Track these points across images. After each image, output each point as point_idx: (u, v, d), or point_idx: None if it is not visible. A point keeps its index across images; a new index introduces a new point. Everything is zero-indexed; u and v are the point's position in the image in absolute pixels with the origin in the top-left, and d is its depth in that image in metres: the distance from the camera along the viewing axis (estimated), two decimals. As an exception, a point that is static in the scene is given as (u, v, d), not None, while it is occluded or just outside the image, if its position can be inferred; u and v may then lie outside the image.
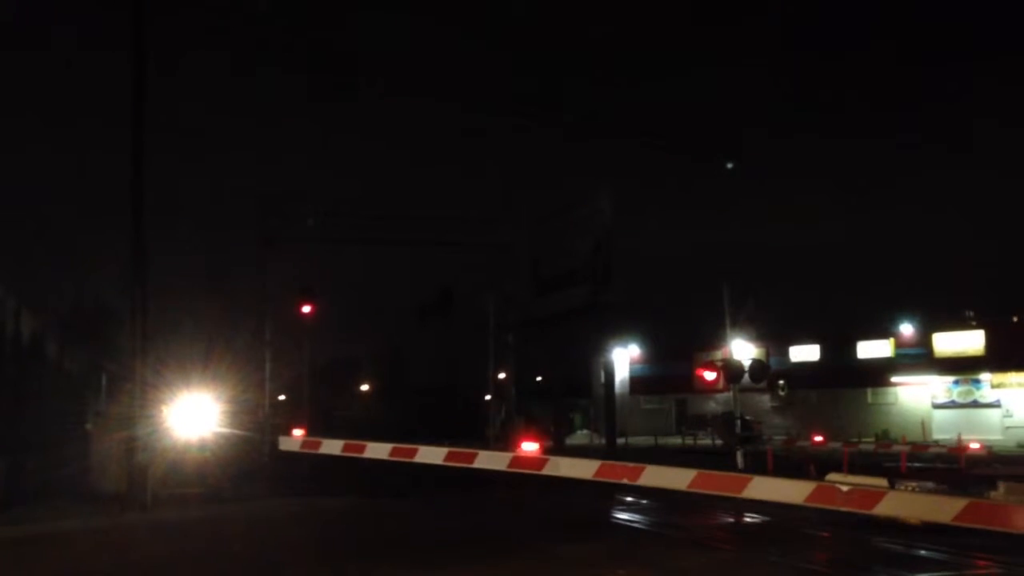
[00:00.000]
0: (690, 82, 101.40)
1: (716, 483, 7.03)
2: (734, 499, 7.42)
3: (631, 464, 7.61)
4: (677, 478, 7.19)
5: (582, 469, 7.77)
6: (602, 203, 28.32)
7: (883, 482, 6.29)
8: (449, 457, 8.55)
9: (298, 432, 10.42)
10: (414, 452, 8.81)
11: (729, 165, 39.29)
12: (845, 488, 6.15)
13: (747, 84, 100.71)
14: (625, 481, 7.70)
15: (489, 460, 8.44)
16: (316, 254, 34.63)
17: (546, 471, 7.93)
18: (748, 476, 6.80)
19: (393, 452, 8.89)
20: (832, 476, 6.32)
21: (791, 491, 6.58)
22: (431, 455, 8.71)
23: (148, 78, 18.31)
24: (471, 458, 8.45)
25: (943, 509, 5.85)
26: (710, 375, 25.41)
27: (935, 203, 78.74)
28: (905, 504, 5.96)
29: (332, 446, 9.54)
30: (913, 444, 31.47)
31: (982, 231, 77.37)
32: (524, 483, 10.64)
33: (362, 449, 9.14)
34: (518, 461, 8.23)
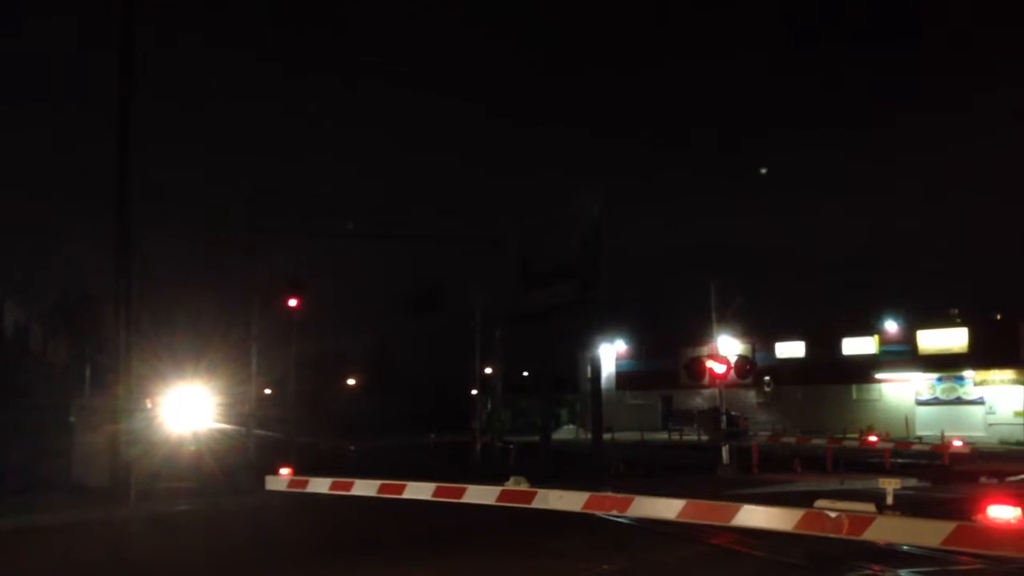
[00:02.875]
0: (690, 79, 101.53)
1: (705, 512, 7.15)
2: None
3: (620, 495, 7.68)
4: (666, 508, 7.31)
5: (571, 501, 7.84)
6: (591, 199, 28.25)
7: (871, 507, 6.32)
8: (437, 493, 8.71)
9: (285, 471, 10.37)
10: (402, 488, 9.11)
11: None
12: (833, 514, 6.22)
13: (741, 80, 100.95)
14: (615, 512, 7.70)
15: (478, 495, 8.49)
16: (305, 247, 34.38)
17: (535, 504, 8.01)
18: (737, 505, 6.91)
19: (381, 489, 9.28)
20: (821, 503, 6.38)
21: (780, 519, 6.68)
22: (419, 491, 8.98)
23: (135, 66, 18.08)
24: (460, 493, 8.54)
25: (932, 533, 5.95)
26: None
27: (922, 198, 79.23)
28: (894, 529, 6.06)
29: (320, 484, 9.86)
30: (896, 441, 31.74)
31: (964, 228, 77.95)
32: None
33: (350, 487, 9.46)
34: (507, 495, 8.26)
